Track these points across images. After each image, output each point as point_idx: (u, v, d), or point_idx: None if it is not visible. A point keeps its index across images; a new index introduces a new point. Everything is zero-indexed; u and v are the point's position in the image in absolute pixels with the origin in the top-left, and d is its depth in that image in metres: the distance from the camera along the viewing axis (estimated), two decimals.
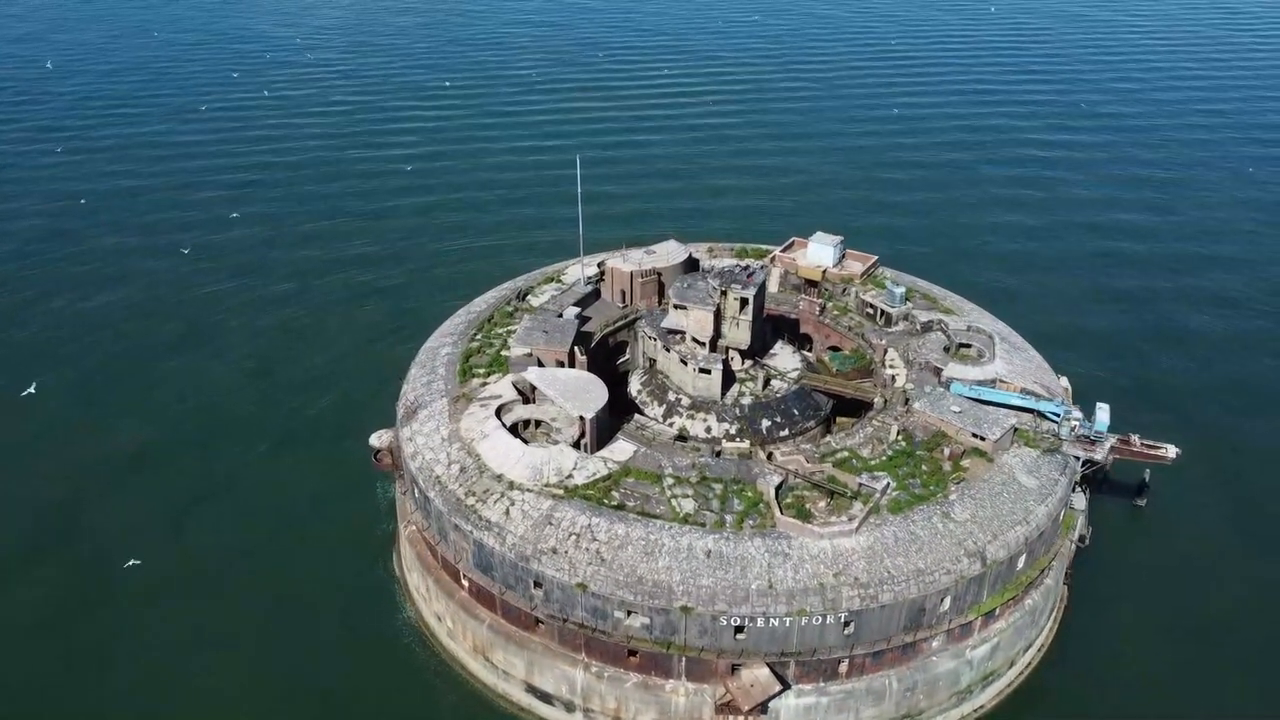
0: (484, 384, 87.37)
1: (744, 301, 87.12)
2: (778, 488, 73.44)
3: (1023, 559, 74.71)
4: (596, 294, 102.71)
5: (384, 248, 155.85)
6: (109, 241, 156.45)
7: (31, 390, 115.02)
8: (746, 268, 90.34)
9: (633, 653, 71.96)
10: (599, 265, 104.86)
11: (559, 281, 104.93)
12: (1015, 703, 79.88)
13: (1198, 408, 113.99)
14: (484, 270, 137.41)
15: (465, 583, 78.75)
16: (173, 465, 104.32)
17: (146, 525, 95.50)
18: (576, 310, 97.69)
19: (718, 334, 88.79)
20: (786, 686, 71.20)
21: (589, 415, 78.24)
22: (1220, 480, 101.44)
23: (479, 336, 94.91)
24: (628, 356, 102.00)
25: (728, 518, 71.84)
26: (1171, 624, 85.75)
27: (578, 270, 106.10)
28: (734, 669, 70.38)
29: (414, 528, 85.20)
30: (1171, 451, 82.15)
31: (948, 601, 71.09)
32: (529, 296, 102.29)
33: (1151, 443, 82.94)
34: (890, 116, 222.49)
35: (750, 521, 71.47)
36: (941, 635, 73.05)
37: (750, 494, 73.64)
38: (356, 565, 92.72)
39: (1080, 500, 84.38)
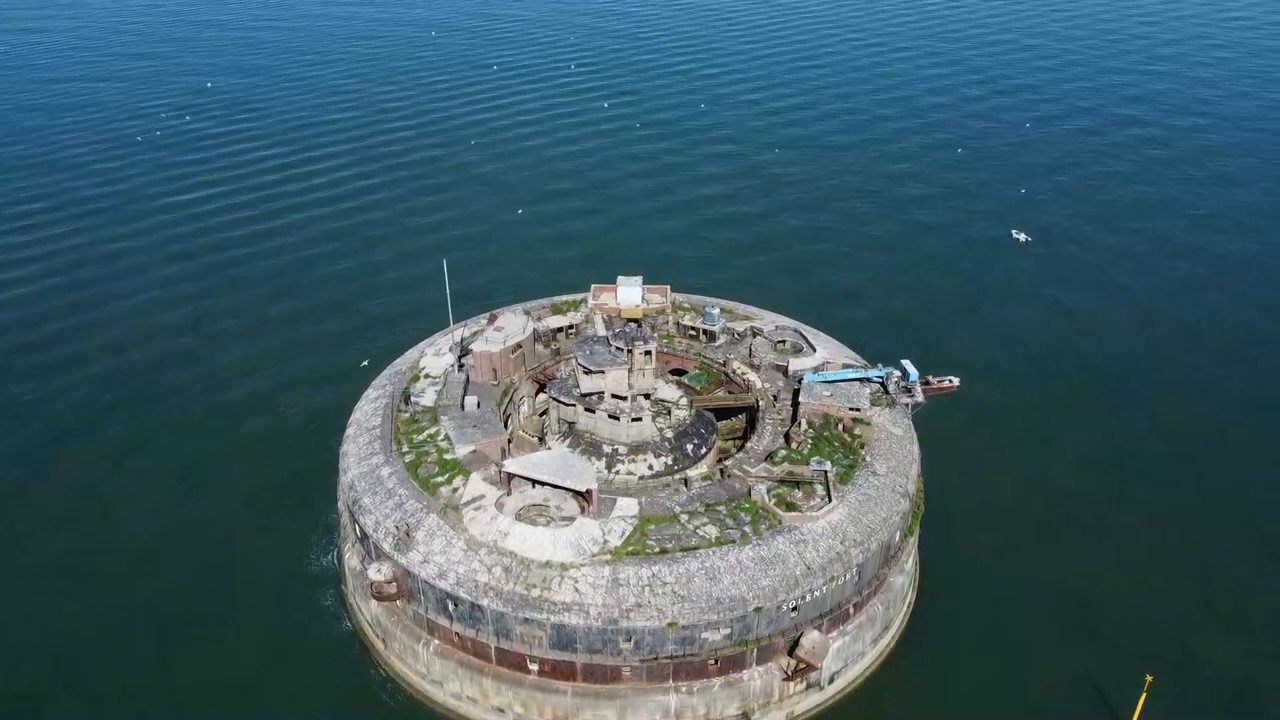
0: (454, 490, 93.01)
1: (648, 353, 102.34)
2: (767, 493, 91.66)
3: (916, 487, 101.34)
4: (467, 377, 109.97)
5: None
6: None
7: None
8: (638, 324, 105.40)
9: (713, 661, 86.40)
10: (452, 351, 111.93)
11: (428, 376, 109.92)
12: (922, 587, 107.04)
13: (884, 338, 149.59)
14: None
15: (535, 666, 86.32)
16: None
17: None
18: (474, 399, 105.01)
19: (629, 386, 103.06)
20: None
21: (593, 486, 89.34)
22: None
23: (407, 451, 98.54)
24: (511, 429, 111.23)
25: (746, 529, 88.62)
26: (966, 498, 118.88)
27: (433, 360, 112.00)
28: (793, 643, 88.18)
29: (440, 640, 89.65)
30: (956, 381, 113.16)
31: (898, 535, 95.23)
32: (412, 398, 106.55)
33: (940, 378, 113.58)
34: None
35: (763, 525, 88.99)
36: (894, 562, 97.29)
37: (749, 505, 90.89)
38: (359, 702, 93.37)
39: None
